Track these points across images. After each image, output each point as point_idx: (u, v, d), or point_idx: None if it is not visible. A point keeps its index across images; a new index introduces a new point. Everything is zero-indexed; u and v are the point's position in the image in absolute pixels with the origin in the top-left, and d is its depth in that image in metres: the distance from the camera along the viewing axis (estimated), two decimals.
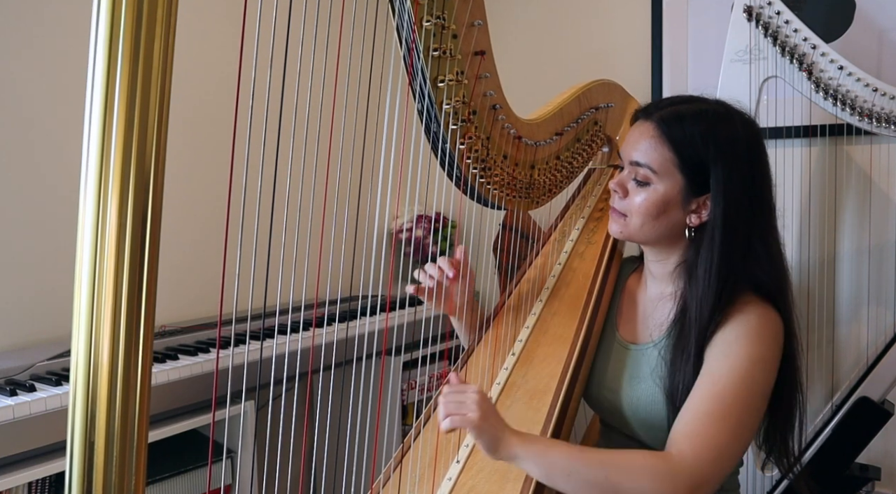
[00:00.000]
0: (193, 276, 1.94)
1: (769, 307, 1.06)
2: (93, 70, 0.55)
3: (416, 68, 1.09)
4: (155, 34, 0.56)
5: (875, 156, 1.82)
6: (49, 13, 1.68)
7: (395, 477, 1.15)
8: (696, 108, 1.12)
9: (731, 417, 0.97)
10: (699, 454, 0.94)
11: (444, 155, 1.18)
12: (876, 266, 1.82)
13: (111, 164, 0.56)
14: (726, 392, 0.98)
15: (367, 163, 1.05)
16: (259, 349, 1.63)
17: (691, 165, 1.09)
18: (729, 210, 1.07)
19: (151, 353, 0.60)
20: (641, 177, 1.12)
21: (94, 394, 0.57)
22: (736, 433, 0.97)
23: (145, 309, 0.58)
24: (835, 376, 1.82)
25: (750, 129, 1.12)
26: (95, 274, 0.56)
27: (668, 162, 1.09)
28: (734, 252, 1.07)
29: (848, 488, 1.68)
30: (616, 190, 1.16)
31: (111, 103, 0.55)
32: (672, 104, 1.14)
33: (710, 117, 1.11)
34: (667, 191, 1.10)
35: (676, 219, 1.12)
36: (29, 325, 1.66)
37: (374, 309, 1.89)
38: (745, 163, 1.08)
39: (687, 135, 1.09)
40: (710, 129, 1.09)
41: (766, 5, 1.61)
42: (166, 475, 1.61)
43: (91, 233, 0.56)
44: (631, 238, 1.20)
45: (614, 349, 1.24)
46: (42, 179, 1.69)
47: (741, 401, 0.98)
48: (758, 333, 1.02)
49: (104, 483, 0.58)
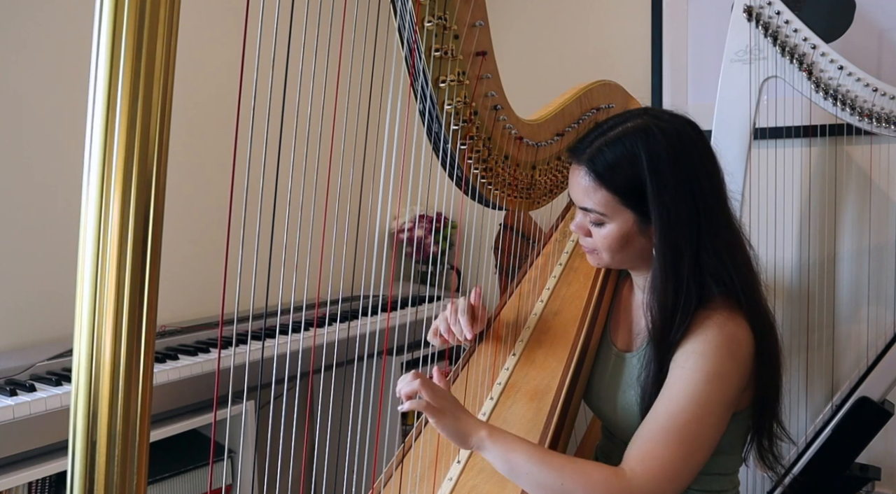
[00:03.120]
0: (194, 276, 1.95)
1: (733, 313, 1.05)
2: (95, 70, 0.55)
3: (418, 69, 1.09)
4: (157, 34, 0.56)
5: (875, 156, 1.82)
6: (51, 13, 1.68)
7: (395, 477, 1.15)
8: (615, 135, 1.10)
9: (685, 436, 0.97)
10: (652, 475, 0.96)
11: (445, 155, 1.18)
12: (876, 266, 1.82)
13: (113, 164, 0.56)
14: (680, 410, 0.99)
15: (369, 164, 1.05)
16: (260, 349, 1.63)
17: (631, 197, 1.08)
18: (669, 227, 1.06)
19: (153, 353, 0.59)
20: (594, 220, 1.12)
21: (96, 394, 0.57)
22: (690, 451, 0.98)
23: (147, 308, 0.58)
24: (835, 376, 1.82)
25: (674, 132, 1.08)
26: (97, 275, 0.56)
27: (610, 202, 1.09)
28: (682, 269, 1.06)
29: (848, 488, 1.68)
30: (578, 232, 1.17)
31: (113, 103, 0.55)
32: (595, 137, 1.12)
33: (628, 138, 1.08)
34: (622, 227, 1.10)
35: (641, 244, 1.12)
36: (29, 325, 1.66)
37: (374, 309, 1.90)
38: (673, 172, 1.06)
39: (614, 168, 1.07)
40: (631, 151, 1.07)
41: (766, 5, 1.61)
42: (166, 475, 1.61)
43: (93, 233, 0.56)
44: (609, 267, 1.23)
45: (606, 354, 1.25)
46: (43, 179, 1.69)
47: (696, 419, 0.98)
48: (715, 347, 1.02)
49: (106, 483, 0.58)
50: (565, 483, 0.96)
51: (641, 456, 0.97)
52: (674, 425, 0.98)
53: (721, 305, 1.06)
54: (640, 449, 0.99)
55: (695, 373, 1.01)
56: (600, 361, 1.25)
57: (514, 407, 1.17)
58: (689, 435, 0.98)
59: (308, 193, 0.91)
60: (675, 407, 0.99)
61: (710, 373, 1.00)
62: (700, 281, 1.07)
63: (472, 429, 1.01)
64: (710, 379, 1.00)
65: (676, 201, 1.06)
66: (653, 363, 1.07)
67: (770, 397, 1.12)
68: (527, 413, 1.15)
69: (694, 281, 1.06)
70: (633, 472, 0.96)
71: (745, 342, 1.05)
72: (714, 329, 1.03)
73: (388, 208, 1.12)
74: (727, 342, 1.03)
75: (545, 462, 0.98)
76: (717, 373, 1.01)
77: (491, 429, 1.01)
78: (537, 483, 0.97)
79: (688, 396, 1.00)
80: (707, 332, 1.03)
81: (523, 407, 1.17)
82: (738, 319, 1.05)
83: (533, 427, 1.12)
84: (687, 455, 0.97)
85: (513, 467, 0.99)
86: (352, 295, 1.83)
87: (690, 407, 0.99)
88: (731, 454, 1.15)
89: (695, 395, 0.99)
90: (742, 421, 1.12)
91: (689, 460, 0.98)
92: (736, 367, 1.03)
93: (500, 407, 1.18)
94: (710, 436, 1.00)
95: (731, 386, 1.02)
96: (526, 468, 0.98)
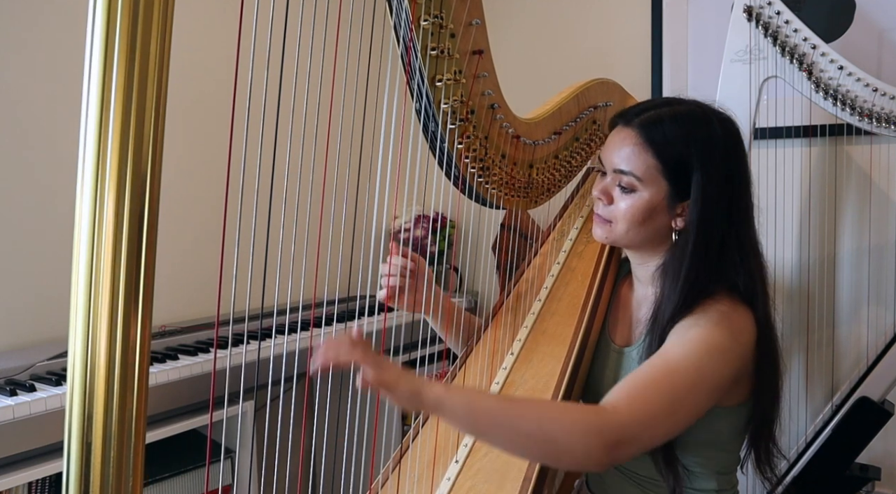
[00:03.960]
0: (194, 276, 1.95)
1: (738, 306, 1.06)
2: (89, 69, 0.55)
3: (414, 67, 1.08)
4: (151, 32, 0.56)
5: (875, 156, 1.82)
6: (45, 11, 1.68)
7: (393, 478, 1.15)
8: (675, 111, 1.12)
9: (673, 391, 0.94)
10: (632, 413, 0.91)
11: (442, 154, 1.18)
12: (876, 266, 1.82)
13: (107, 164, 0.56)
14: (675, 366, 0.97)
15: (365, 163, 1.05)
16: (258, 349, 1.63)
17: (675, 170, 1.08)
18: (706, 213, 1.07)
19: (149, 354, 0.59)
20: (626, 184, 1.11)
21: (91, 395, 0.57)
22: (673, 407, 0.94)
23: (142, 309, 0.58)
24: (835, 376, 1.82)
25: (727, 129, 1.11)
26: (92, 275, 0.56)
27: (651, 168, 1.09)
28: (707, 254, 1.07)
29: (848, 488, 1.68)
30: (601, 198, 1.15)
31: (107, 103, 0.55)
32: (650, 109, 1.13)
33: (689, 119, 1.10)
34: (652, 198, 1.10)
35: (661, 223, 1.12)
36: (29, 325, 1.66)
37: (372, 310, 1.89)
38: (723, 164, 1.08)
39: (668, 140, 1.09)
40: (690, 132, 1.09)
41: (766, 5, 1.61)
42: (166, 475, 1.61)
43: (87, 233, 0.56)
44: (616, 243, 1.21)
45: (605, 352, 1.24)
46: (42, 179, 1.69)
47: (687, 380, 0.96)
48: (719, 320, 1.02)
49: (101, 485, 0.58)
50: (543, 424, 0.88)
51: (630, 397, 0.93)
52: (668, 381, 0.95)
53: (726, 298, 1.06)
54: (630, 391, 0.95)
55: (696, 342, 1.00)
56: (600, 360, 1.24)
57: None
58: (678, 396, 0.95)
59: (305, 192, 0.91)
60: (674, 365, 0.97)
61: (711, 346, 0.99)
62: (719, 270, 1.07)
63: (423, 387, 0.88)
64: (711, 350, 0.99)
65: (719, 188, 1.07)
66: (651, 337, 1.06)
67: (767, 401, 1.11)
68: None
69: (714, 269, 1.07)
70: (616, 408, 0.91)
71: (748, 331, 1.04)
72: (718, 312, 1.03)
73: (385, 207, 1.12)
74: (730, 323, 1.03)
75: (517, 409, 0.90)
76: (718, 348, 1.00)
77: (445, 387, 0.91)
78: (511, 432, 0.88)
79: (687, 359, 0.98)
80: (711, 312, 1.03)
81: None
82: (742, 312, 1.05)
83: None
84: (673, 414, 0.94)
85: (477, 419, 0.88)
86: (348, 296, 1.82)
87: (688, 370, 0.97)
88: (727, 451, 1.15)
89: (694, 360, 0.97)
90: (735, 418, 1.11)
91: (673, 419, 0.95)
92: (736, 348, 1.02)
93: None
94: (696, 405, 0.97)
95: (729, 363, 1.01)
96: (497, 418, 0.87)
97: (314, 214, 0.95)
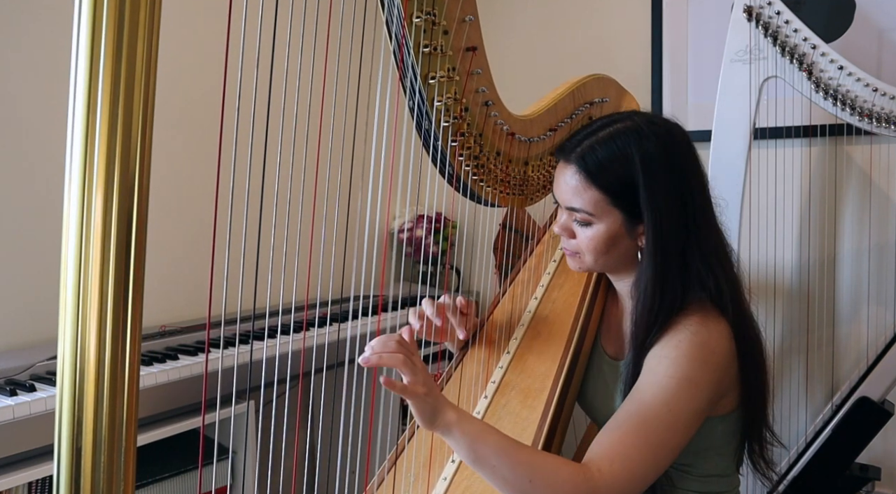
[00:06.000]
0: (193, 276, 1.95)
1: (707, 319, 1.05)
2: (75, 71, 0.54)
3: (407, 64, 1.08)
4: (138, 33, 0.55)
5: (875, 156, 1.81)
6: (32, 12, 1.68)
7: (389, 478, 1.15)
8: (608, 134, 1.10)
9: (654, 442, 0.97)
10: (615, 473, 0.94)
11: (436, 152, 1.17)
12: (876, 266, 1.81)
13: (95, 166, 0.55)
14: (652, 415, 0.98)
15: (358, 162, 1.04)
16: (257, 349, 1.63)
17: (622, 196, 1.08)
18: (659, 229, 1.06)
19: (139, 357, 0.59)
20: (581, 219, 1.11)
21: (80, 399, 0.56)
22: (658, 457, 0.97)
23: (132, 311, 0.57)
24: (835, 376, 1.81)
25: (666, 140, 1.09)
26: (80, 277, 0.56)
27: (600, 202, 1.08)
28: (669, 270, 1.06)
29: (848, 488, 1.68)
30: (562, 233, 1.16)
31: (94, 104, 0.55)
32: (585, 137, 1.12)
33: (623, 138, 1.08)
34: (609, 227, 1.10)
35: (626, 246, 1.12)
36: (29, 325, 1.67)
37: (365, 311, 1.89)
38: (667, 176, 1.07)
39: (606, 168, 1.08)
40: (625, 152, 1.07)
41: (766, 5, 1.60)
42: (166, 475, 1.61)
43: (76, 235, 0.56)
44: (590, 270, 1.22)
45: (598, 363, 1.24)
46: (43, 179, 1.70)
47: (666, 426, 0.98)
48: (685, 353, 1.01)
49: (92, 490, 0.57)
50: (533, 481, 0.93)
51: (610, 457, 0.96)
52: (644, 429, 0.97)
53: (697, 311, 1.05)
54: (609, 449, 0.97)
55: (666, 379, 1.00)
56: (593, 367, 1.24)
57: (508, 406, 1.17)
58: (657, 441, 0.97)
59: (297, 192, 0.91)
60: (647, 410, 0.98)
61: (682, 380, 1.00)
62: (685, 283, 1.07)
63: (442, 409, 0.94)
64: (682, 385, 0.99)
65: (668, 201, 1.06)
66: (631, 366, 1.07)
67: (756, 403, 1.11)
68: (521, 411, 1.15)
69: (680, 283, 1.06)
70: (601, 472, 0.94)
71: (719, 348, 1.04)
72: (686, 334, 1.03)
73: (379, 207, 1.11)
74: (699, 348, 1.02)
75: (513, 456, 0.94)
76: (689, 380, 1.00)
77: (460, 415, 0.95)
78: (503, 478, 0.93)
79: (659, 401, 0.99)
80: (679, 337, 1.03)
81: (517, 406, 1.16)
82: (712, 325, 1.04)
83: (527, 426, 1.11)
84: (655, 461, 0.97)
85: (479, 458, 0.94)
86: (341, 298, 1.83)
87: (661, 412, 0.98)
88: (724, 455, 1.14)
89: (666, 400, 0.98)
90: (728, 424, 1.11)
91: (656, 465, 0.98)
92: (708, 374, 1.02)
93: (495, 406, 1.18)
94: (677, 442, 0.99)
95: (703, 392, 1.01)
96: (493, 461, 0.93)
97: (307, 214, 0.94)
